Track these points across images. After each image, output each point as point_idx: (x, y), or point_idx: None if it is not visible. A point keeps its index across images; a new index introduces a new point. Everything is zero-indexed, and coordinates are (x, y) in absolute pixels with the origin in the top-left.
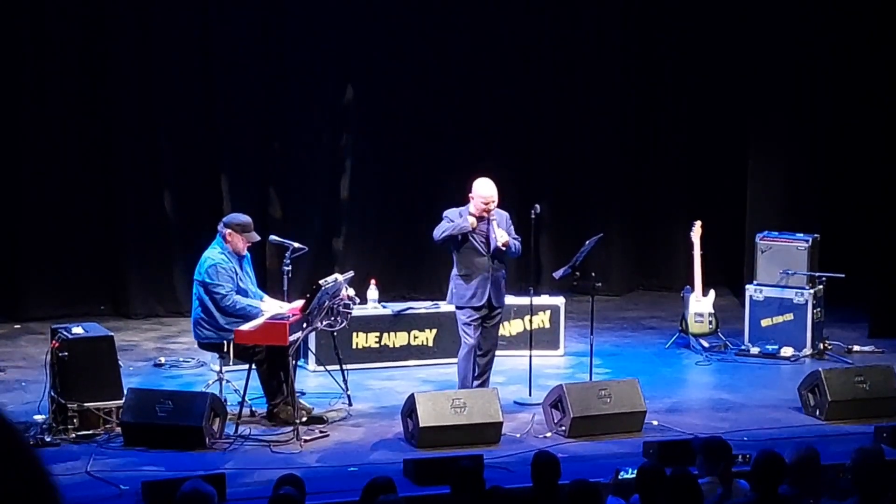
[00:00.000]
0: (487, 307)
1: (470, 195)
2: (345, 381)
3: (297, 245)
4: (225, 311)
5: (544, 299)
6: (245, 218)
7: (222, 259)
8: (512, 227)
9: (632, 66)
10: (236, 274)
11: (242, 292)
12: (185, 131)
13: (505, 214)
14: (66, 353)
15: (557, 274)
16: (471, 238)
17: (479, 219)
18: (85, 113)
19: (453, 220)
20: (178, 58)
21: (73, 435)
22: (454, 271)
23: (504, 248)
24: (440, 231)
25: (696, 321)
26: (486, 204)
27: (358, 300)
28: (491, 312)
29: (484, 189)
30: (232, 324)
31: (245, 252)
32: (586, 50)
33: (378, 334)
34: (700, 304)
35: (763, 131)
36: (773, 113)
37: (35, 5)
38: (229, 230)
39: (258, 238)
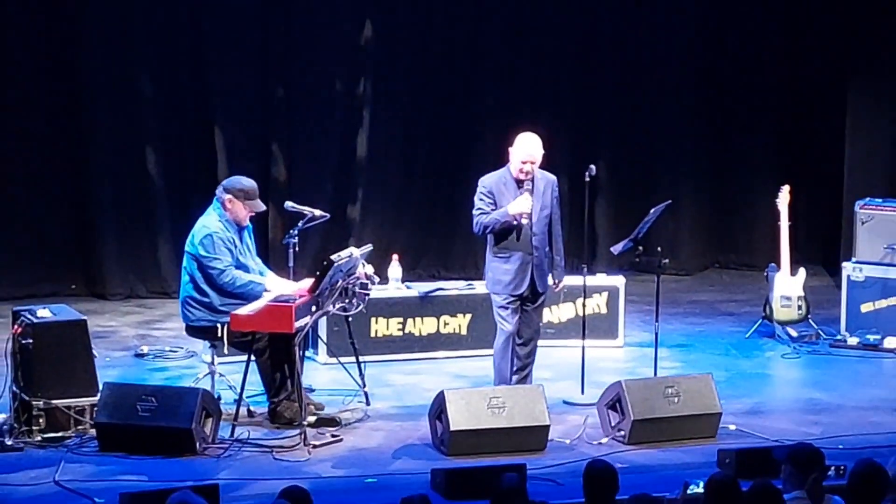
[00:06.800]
0: (530, 291)
1: (510, 149)
2: (361, 375)
3: (318, 213)
4: (222, 289)
5: (600, 279)
6: (250, 183)
7: (220, 228)
8: (557, 198)
9: None
10: (235, 246)
11: (243, 268)
12: (170, 74)
13: (552, 179)
14: (31, 341)
15: (616, 249)
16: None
17: (520, 183)
18: (48, 54)
19: (492, 193)
20: None
21: (39, 438)
22: (488, 250)
23: (516, 222)
24: (479, 225)
25: (782, 305)
26: (524, 163)
27: (377, 279)
28: (533, 296)
29: (522, 147)
30: (229, 305)
31: (247, 222)
32: None
33: (401, 320)
34: (788, 285)
35: (866, 81)
36: (877, 60)
37: None
38: (230, 196)
39: (263, 207)
